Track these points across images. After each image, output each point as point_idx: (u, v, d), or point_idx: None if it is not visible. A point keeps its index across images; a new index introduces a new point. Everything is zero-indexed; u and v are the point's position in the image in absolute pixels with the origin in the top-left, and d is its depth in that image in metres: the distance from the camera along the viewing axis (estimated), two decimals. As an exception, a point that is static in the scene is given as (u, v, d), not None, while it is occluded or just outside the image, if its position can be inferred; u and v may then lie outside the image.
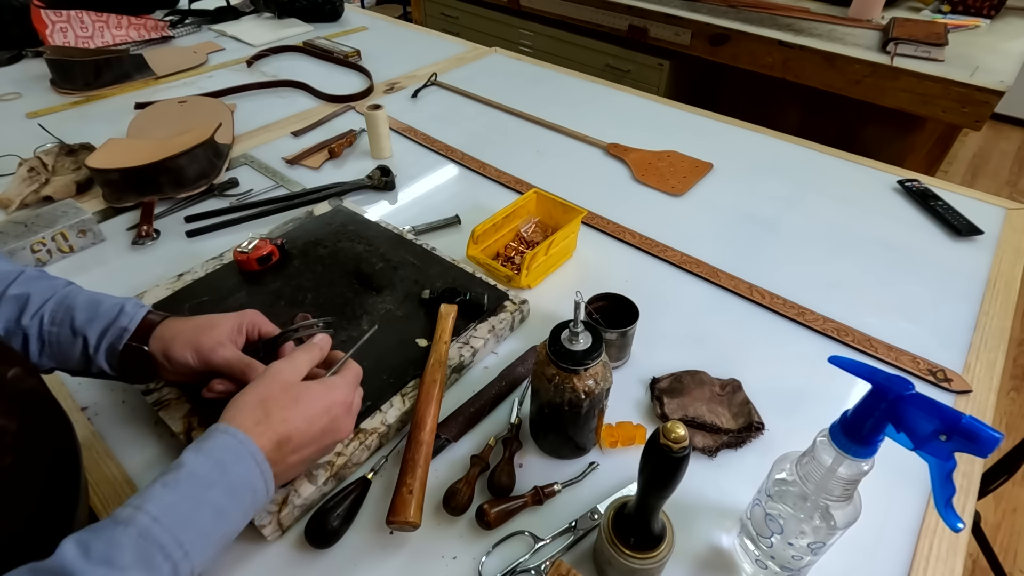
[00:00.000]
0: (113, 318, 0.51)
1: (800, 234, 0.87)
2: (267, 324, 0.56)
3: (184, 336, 0.51)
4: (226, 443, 0.41)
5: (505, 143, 1.10)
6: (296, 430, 0.44)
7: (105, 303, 0.52)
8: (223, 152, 1.00)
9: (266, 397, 0.44)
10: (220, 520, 0.39)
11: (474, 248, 0.76)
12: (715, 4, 1.78)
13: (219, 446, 0.40)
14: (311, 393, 0.46)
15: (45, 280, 0.52)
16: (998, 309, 0.74)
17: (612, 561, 0.44)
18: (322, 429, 0.46)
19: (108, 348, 0.51)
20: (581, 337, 0.49)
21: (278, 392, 0.45)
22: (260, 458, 0.41)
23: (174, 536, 0.36)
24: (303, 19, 1.68)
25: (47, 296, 0.50)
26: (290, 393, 0.45)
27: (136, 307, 0.53)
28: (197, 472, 0.39)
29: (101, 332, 0.50)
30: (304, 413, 0.45)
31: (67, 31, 1.38)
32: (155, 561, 0.35)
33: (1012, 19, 1.71)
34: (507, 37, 2.28)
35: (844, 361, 0.39)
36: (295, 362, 0.48)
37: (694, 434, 0.58)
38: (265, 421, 0.43)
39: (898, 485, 0.54)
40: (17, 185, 0.89)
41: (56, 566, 0.33)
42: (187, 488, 0.38)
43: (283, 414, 0.44)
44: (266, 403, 0.44)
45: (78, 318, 0.50)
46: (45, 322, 0.49)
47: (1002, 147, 3.05)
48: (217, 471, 0.39)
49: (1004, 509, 1.52)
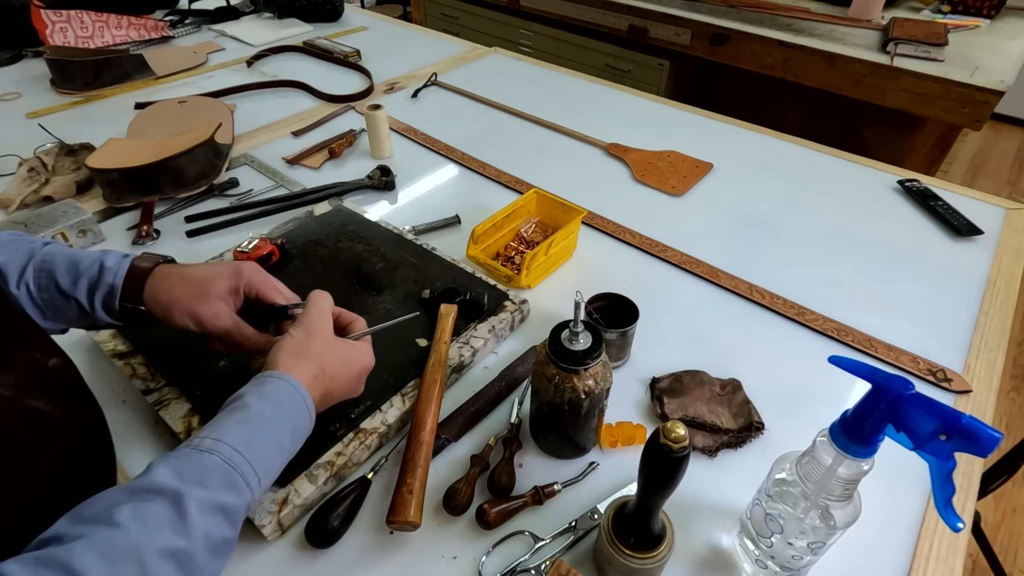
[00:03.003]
0: (96, 276, 0.50)
1: (800, 234, 0.87)
2: (264, 286, 0.54)
3: (180, 304, 0.51)
4: (286, 390, 0.44)
5: (505, 143, 1.10)
6: (337, 387, 0.49)
7: (84, 260, 0.50)
8: (223, 152, 1.00)
9: (319, 353, 0.48)
10: (282, 454, 0.44)
11: (474, 248, 0.76)
12: (715, 4, 1.78)
13: (280, 391, 0.44)
14: (351, 356, 0.51)
15: (19, 244, 0.50)
16: (998, 309, 0.74)
17: (612, 561, 0.44)
18: (351, 388, 0.51)
19: (103, 306, 0.50)
20: (581, 337, 0.49)
21: (327, 349, 0.49)
22: (310, 404, 0.46)
23: (252, 466, 0.39)
24: (303, 19, 1.68)
25: (23, 262, 0.49)
26: (336, 353, 0.50)
27: (117, 261, 0.51)
28: (265, 413, 0.42)
29: (89, 291, 0.50)
30: (347, 375, 0.50)
31: (67, 31, 1.38)
32: (238, 485, 0.38)
33: (1012, 19, 1.71)
34: (507, 37, 2.28)
35: (844, 361, 0.39)
36: (324, 313, 0.51)
37: (694, 434, 0.58)
38: (320, 376, 0.47)
39: (898, 485, 0.54)
40: (17, 185, 0.89)
41: (156, 485, 0.35)
42: (258, 426, 0.42)
43: (333, 372, 0.48)
44: (321, 359, 0.48)
45: (62, 282, 0.49)
46: (32, 289, 0.49)
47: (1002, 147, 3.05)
48: (280, 413, 0.43)
49: (1004, 509, 1.52)
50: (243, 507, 0.38)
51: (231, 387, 0.56)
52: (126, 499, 0.34)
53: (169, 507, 0.34)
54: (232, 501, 0.37)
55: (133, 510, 0.33)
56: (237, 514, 0.38)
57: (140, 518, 0.33)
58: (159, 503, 0.34)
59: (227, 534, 0.37)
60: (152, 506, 0.34)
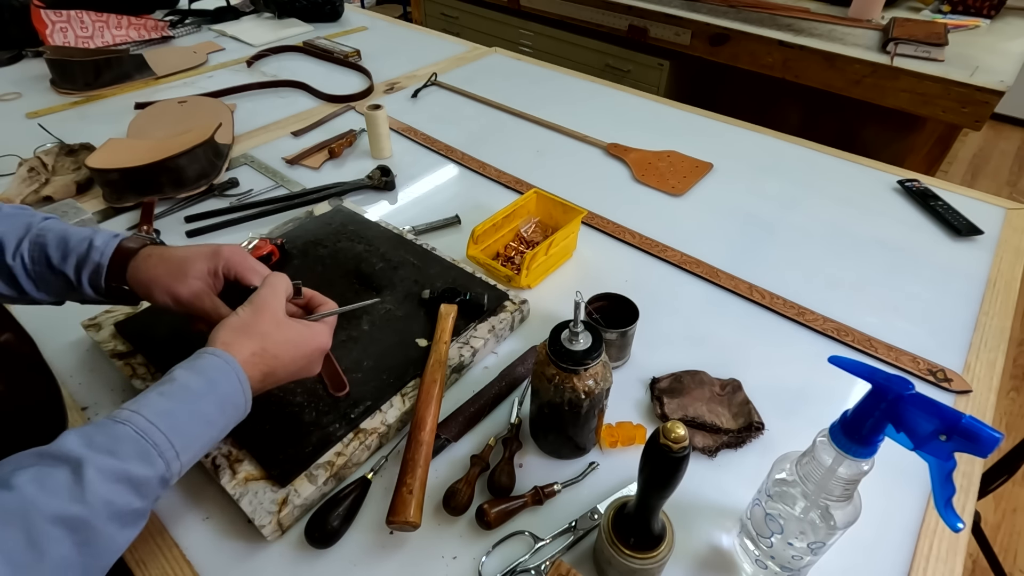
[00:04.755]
0: (84, 253, 0.51)
1: (800, 234, 0.87)
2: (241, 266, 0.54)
3: (161, 284, 0.52)
4: (218, 365, 0.44)
5: (505, 143, 1.10)
6: (281, 367, 0.48)
7: (74, 238, 0.52)
8: (223, 152, 1.00)
9: (264, 332, 0.47)
10: (210, 428, 0.43)
11: (474, 248, 0.76)
12: (715, 4, 1.78)
13: (211, 366, 0.43)
14: (302, 337, 0.49)
15: (20, 217, 0.52)
16: (998, 309, 0.74)
17: (612, 561, 0.44)
18: (298, 369, 0.50)
19: (90, 283, 0.52)
20: (581, 337, 0.49)
21: (272, 328, 0.48)
22: (244, 381, 0.45)
23: (167, 437, 0.39)
24: (303, 19, 1.68)
25: (21, 235, 0.51)
26: (283, 332, 0.48)
27: (106, 241, 0.52)
28: (191, 386, 0.42)
29: (76, 268, 0.51)
30: (293, 354, 0.48)
31: (67, 31, 1.38)
32: (150, 456, 0.38)
33: (1012, 19, 1.71)
34: (507, 37, 2.28)
35: (844, 361, 0.39)
36: (278, 293, 0.50)
37: (694, 434, 0.58)
38: (261, 355, 0.46)
39: (898, 485, 0.54)
40: (17, 185, 0.89)
41: (61, 452, 0.36)
42: (182, 399, 0.41)
43: (276, 351, 0.47)
44: (264, 338, 0.47)
45: (53, 256, 0.51)
46: (26, 260, 0.51)
47: (1002, 147, 3.05)
48: (208, 387, 0.43)
49: (1004, 509, 1.52)
50: (155, 479, 0.39)
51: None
52: (32, 463, 0.35)
53: (69, 473, 0.35)
54: (142, 472, 0.37)
55: (34, 474, 0.34)
56: (147, 486, 0.38)
57: (38, 482, 0.34)
58: (61, 469, 0.35)
59: (134, 504, 0.37)
60: (54, 471, 0.35)
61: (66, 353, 0.66)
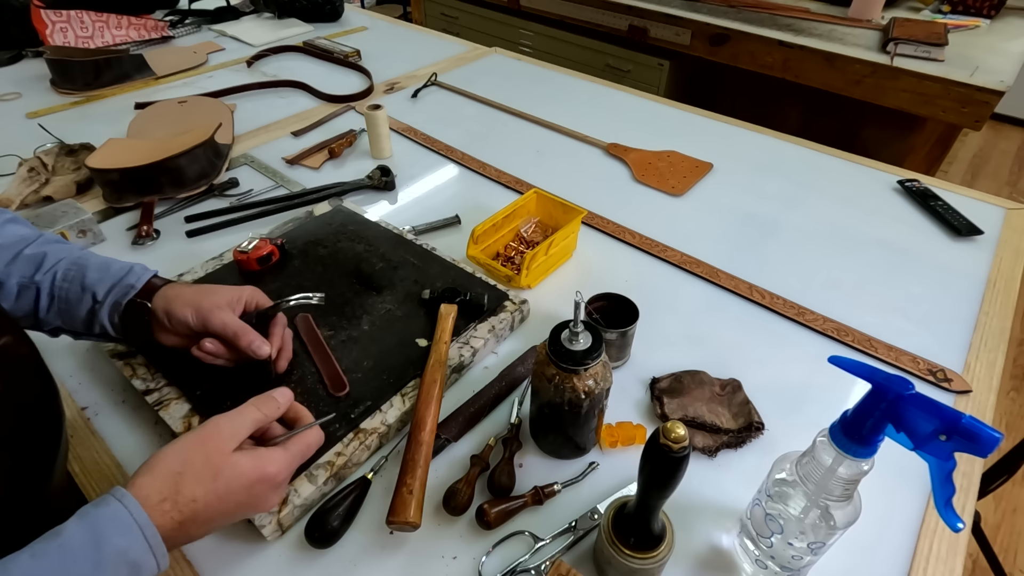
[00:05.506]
0: (121, 276, 0.55)
1: (800, 234, 0.87)
2: (265, 300, 0.60)
3: (185, 296, 0.55)
4: (114, 514, 0.36)
5: (505, 143, 1.10)
6: (206, 508, 0.40)
7: (115, 265, 0.56)
8: (223, 152, 1.00)
9: (184, 469, 0.40)
10: None
11: (474, 248, 0.76)
12: (715, 4, 1.78)
13: (105, 516, 0.36)
14: (236, 470, 0.41)
15: (62, 244, 0.57)
16: (998, 309, 0.74)
17: (612, 561, 0.44)
18: (237, 504, 0.42)
19: (113, 304, 0.54)
20: (581, 337, 0.49)
21: (200, 465, 0.40)
22: (151, 533, 0.37)
23: None
24: (303, 19, 1.68)
25: (61, 256, 0.55)
26: (212, 467, 0.41)
27: (143, 270, 0.57)
28: (69, 544, 0.35)
29: (109, 288, 0.54)
30: (220, 491, 0.41)
31: (67, 31, 1.38)
32: None
33: (1012, 19, 1.71)
34: (507, 37, 2.28)
35: (844, 361, 0.39)
36: (236, 423, 0.44)
37: (694, 434, 0.58)
38: (172, 499, 0.39)
39: (898, 485, 0.54)
40: (17, 185, 0.89)
41: None
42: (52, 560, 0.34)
43: (195, 492, 0.39)
44: (181, 477, 0.39)
45: (89, 276, 0.54)
46: (58, 278, 0.53)
47: (1002, 147, 3.05)
48: (91, 545, 0.35)
49: (1004, 509, 1.52)
50: None
51: (231, 387, 0.57)
52: None
53: None
54: None
55: None
56: None
57: None
58: None
59: None
60: None
61: (66, 353, 0.66)
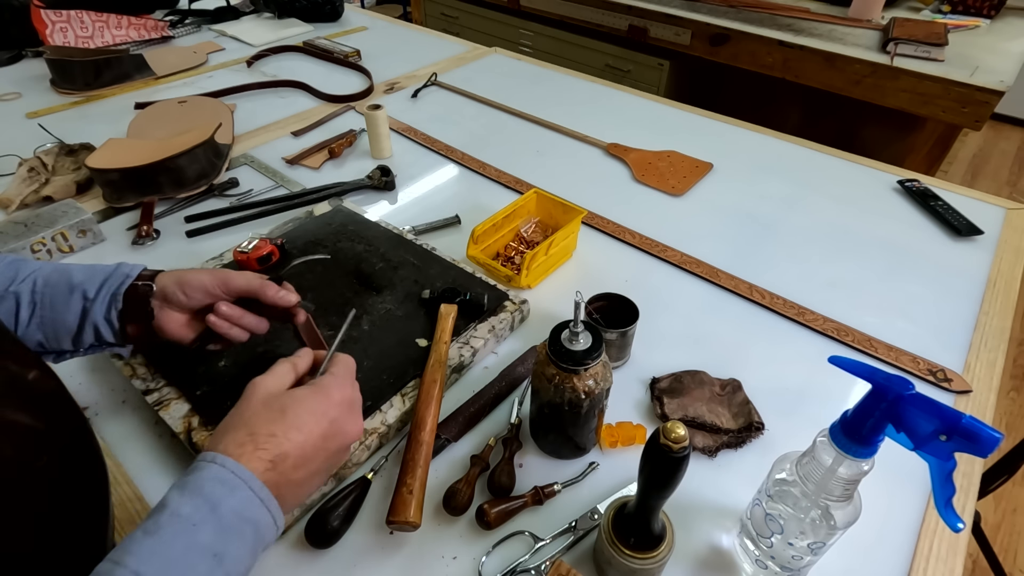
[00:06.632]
0: (112, 271, 0.53)
1: (800, 234, 0.87)
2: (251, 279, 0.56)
3: (195, 270, 0.53)
4: (213, 474, 0.35)
5: (505, 143, 1.10)
6: (291, 444, 0.38)
7: (99, 266, 0.54)
8: (223, 152, 1.00)
9: (249, 417, 0.39)
10: (217, 564, 0.33)
11: (474, 248, 0.76)
12: (715, 4, 1.78)
13: (205, 478, 0.35)
14: (299, 401, 0.41)
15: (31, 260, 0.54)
16: (998, 309, 0.74)
17: (612, 561, 0.44)
18: (323, 435, 0.41)
19: (110, 297, 0.51)
20: (581, 337, 0.49)
21: (260, 408, 0.40)
22: (256, 484, 0.36)
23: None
24: (303, 19, 1.68)
25: (36, 267, 0.52)
26: (274, 406, 0.40)
27: (132, 265, 0.54)
28: (181, 512, 0.33)
29: (101, 283, 0.51)
30: (295, 423, 0.39)
31: (67, 31, 1.38)
32: None
33: (1012, 19, 1.71)
34: (507, 37, 2.28)
35: (844, 361, 0.39)
36: (276, 374, 0.44)
37: (694, 434, 0.58)
38: (250, 442, 0.37)
39: (898, 485, 0.54)
40: (17, 185, 0.89)
41: None
42: (170, 532, 0.32)
43: (270, 429, 0.38)
44: (249, 423, 0.38)
45: (76, 277, 0.51)
46: (38, 285, 0.50)
47: (1002, 147, 3.05)
48: (206, 508, 0.34)
49: (1004, 509, 1.52)
50: None
51: (231, 387, 0.57)
52: None
53: None
54: None
55: None
56: None
57: None
58: None
59: None
60: None
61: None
